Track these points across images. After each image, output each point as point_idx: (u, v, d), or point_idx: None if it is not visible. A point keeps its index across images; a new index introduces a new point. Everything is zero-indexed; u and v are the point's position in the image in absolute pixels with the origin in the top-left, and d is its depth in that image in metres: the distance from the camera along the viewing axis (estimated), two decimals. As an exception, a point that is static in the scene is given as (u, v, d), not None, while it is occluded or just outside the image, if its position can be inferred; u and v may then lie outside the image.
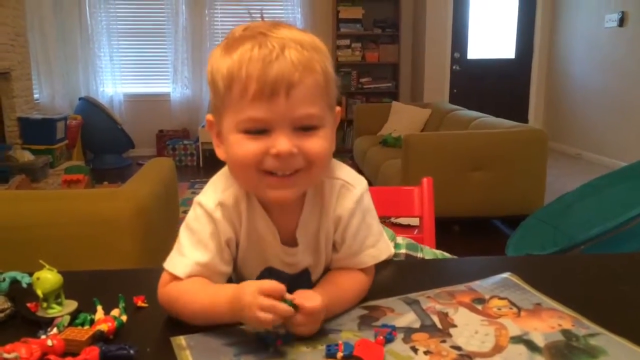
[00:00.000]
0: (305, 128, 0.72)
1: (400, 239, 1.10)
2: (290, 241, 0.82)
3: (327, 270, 0.86)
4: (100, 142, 5.94)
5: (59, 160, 5.01)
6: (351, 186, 0.81)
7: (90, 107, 5.86)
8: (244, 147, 0.72)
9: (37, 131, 4.85)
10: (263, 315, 0.66)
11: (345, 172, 0.83)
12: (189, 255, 0.78)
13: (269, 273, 0.84)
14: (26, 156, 4.50)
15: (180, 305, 0.75)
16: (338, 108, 0.80)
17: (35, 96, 5.54)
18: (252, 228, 0.81)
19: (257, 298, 0.67)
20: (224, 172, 0.82)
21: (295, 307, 0.68)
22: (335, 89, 0.76)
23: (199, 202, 0.80)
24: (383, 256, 0.84)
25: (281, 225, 0.81)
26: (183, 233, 0.81)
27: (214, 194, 0.80)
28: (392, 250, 0.92)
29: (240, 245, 0.82)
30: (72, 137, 5.46)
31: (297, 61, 0.69)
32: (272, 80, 0.68)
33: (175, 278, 0.78)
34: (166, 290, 0.78)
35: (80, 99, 6.09)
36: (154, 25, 6.54)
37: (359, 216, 0.81)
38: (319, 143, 0.73)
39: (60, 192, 2.61)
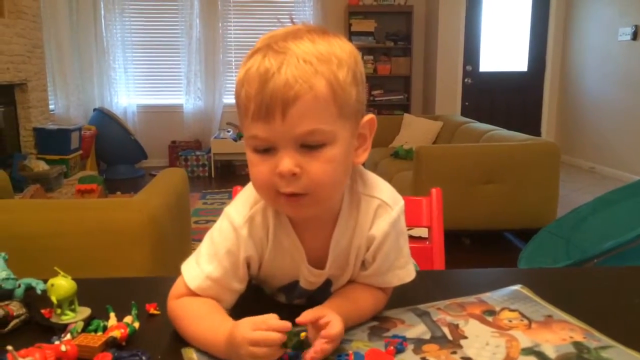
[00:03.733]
0: (310, 146, 0.69)
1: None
2: (317, 260, 0.80)
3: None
4: (114, 153, 5.99)
5: (73, 170, 5.06)
6: (389, 207, 0.79)
7: (104, 118, 5.92)
8: (256, 168, 0.72)
9: (52, 141, 4.91)
10: (256, 349, 0.65)
11: (383, 191, 0.81)
12: (203, 267, 0.78)
13: (289, 290, 0.84)
14: (41, 166, 4.55)
15: (183, 326, 0.76)
16: (368, 116, 0.76)
17: (51, 107, 5.62)
18: (279, 245, 0.80)
19: (248, 333, 0.66)
20: None
21: (301, 340, 0.67)
22: (353, 98, 0.71)
23: (228, 215, 0.79)
24: (408, 279, 0.83)
25: (311, 242, 0.80)
26: (205, 240, 0.81)
27: (244, 208, 0.79)
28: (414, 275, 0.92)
29: (265, 260, 0.80)
30: (86, 147, 5.52)
31: (293, 78, 0.66)
32: (267, 101, 0.66)
33: (187, 290, 0.78)
34: (175, 305, 0.78)
35: (94, 109, 6.16)
36: (168, 37, 6.62)
37: (393, 238, 0.80)
38: (323, 168, 0.69)
39: (73, 201, 2.64)
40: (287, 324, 0.66)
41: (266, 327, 0.66)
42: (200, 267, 0.78)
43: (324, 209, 0.77)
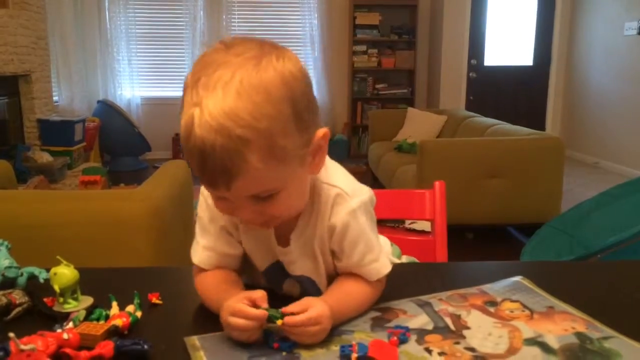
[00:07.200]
0: (262, 197, 0.70)
1: (405, 258, 1.09)
2: (285, 241, 0.82)
3: (333, 278, 0.85)
4: (117, 145, 6.00)
5: (76, 162, 5.06)
6: (348, 196, 0.79)
7: (108, 110, 5.93)
8: (215, 201, 0.75)
9: (56, 133, 4.91)
10: (233, 319, 0.69)
11: (344, 180, 0.81)
12: (199, 240, 0.85)
13: (274, 269, 0.85)
14: (45, 157, 4.55)
15: (204, 300, 0.82)
16: (322, 131, 0.73)
17: (55, 98, 5.62)
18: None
19: (226, 318, 0.69)
20: None
21: (275, 320, 0.69)
22: (295, 140, 0.68)
23: (201, 189, 0.82)
24: (385, 270, 0.81)
25: (281, 226, 0.81)
26: (197, 220, 0.86)
27: None
28: (395, 260, 0.91)
29: (241, 236, 0.83)
30: (90, 139, 5.52)
31: (228, 158, 0.64)
32: (208, 176, 0.67)
33: (197, 267, 0.84)
34: (195, 282, 0.84)
35: (98, 101, 6.17)
36: (172, 30, 6.61)
37: (356, 228, 0.79)
38: (280, 208, 0.72)
39: (77, 192, 2.64)
40: (263, 314, 0.69)
41: (242, 315, 0.69)
42: (197, 243, 0.85)
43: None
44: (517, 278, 0.89)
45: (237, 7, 6.56)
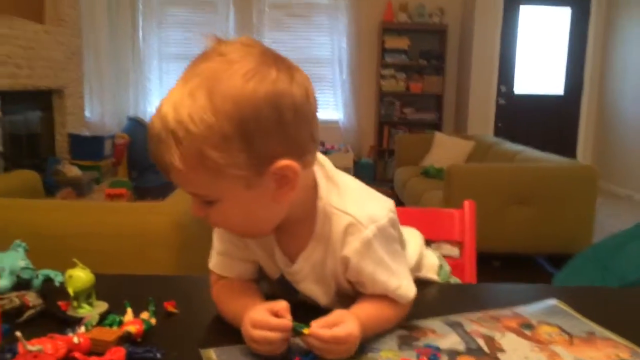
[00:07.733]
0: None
1: (452, 280, 1.04)
2: (292, 259, 0.79)
3: (348, 299, 0.80)
4: (146, 161, 6.04)
5: (105, 176, 5.12)
6: (361, 226, 0.73)
7: (138, 127, 6.00)
8: None
9: (86, 148, 4.98)
10: (257, 332, 0.66)
11: (358, 206, 0.75)
12: (215, 246, 0.84)
13: (280, 282, 0.82)
14: (74, 171, 4.61)
15: (220, 310, 0.80)
16: (283, 163, 0.66)
17: (86, 114, 5.71)
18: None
19: (248, 331, 0.67)
20: None
21: (301, 329, 0.65)
22: (236, 159, 0.64)
23: None
24: (411, 294, 0.77)
25: (287, 247, 0.79)
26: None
27: None
28: (435, 278, 0.86)
29: (249, 242, 0.81)
30: (119, 155, 5.59)
31: (159, 154, 0.66)
32: (156, 163, 0.68)
33: (217, 276, 0.83)
34: (212, 292, 0.82)
35: (128, 118, 6.26)
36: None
37: (373, 259, 0.74)
38: (220, 217, 0.71)
39: (101, 204, 2.66)
40: (287, 324, 0.66)
41: (265, 325, 0.66)
42: (213, 248, 0.84)
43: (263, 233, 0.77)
44: (554, 301, 0.84)
45: (267, 29, 6.64)
